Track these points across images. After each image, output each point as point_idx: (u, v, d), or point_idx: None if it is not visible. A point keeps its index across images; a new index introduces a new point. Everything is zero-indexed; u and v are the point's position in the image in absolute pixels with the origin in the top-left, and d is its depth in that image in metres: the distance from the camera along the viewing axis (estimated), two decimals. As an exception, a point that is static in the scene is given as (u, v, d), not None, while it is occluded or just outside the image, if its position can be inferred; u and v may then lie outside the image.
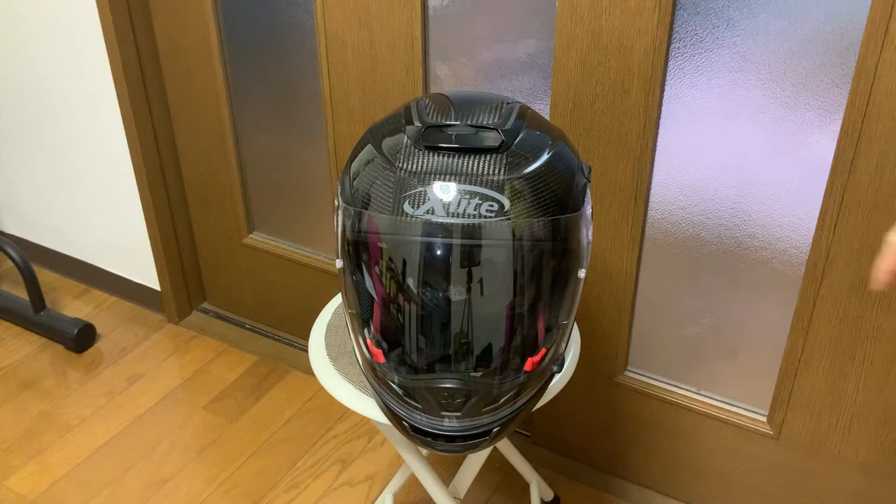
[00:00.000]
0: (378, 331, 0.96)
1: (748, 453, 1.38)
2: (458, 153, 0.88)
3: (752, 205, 1.20)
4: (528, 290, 0.92)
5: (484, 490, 1.53)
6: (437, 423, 0.94)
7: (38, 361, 1.87)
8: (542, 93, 1.29)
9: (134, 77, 1.68)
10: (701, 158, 1.21)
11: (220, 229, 1.86)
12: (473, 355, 0.93)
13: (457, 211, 0.86)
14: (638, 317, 1.39)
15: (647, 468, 1.51)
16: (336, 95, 1.49)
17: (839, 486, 1.32)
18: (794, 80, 1.09)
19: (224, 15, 1.57)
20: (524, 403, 0.97)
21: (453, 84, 1.37)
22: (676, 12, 1.12)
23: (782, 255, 1.21)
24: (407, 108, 0.96)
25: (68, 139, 1.88)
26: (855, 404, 1.24)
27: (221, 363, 1.86)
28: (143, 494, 1.54)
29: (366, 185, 0.91)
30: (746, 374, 1.33)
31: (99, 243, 2.02)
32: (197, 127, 1.74)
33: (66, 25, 1.70)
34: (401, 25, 1.34)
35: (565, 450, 1.59)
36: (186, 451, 1.63)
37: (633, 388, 1.44)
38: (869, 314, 1.16)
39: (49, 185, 2.00)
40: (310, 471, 1.58)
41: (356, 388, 1.06)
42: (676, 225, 1.28)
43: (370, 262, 0.94)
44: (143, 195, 1.82)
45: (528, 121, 0.94)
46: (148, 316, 2.01)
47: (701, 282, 1.30)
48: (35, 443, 1.65)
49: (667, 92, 1.18)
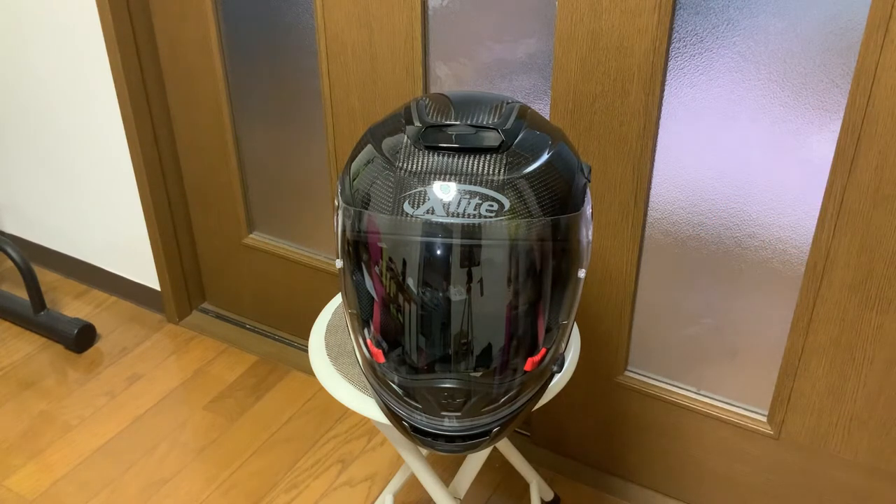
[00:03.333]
0: (378, 331, 0.96)
1: (748, 453, 1.38)
2: (458, 153, 0.88)
3: (752, 205, 1.20)
4: (527, 290, 0.92)
5: (484, 490, 1.53)
6: (437, 423, 0.94)
7: (38, 361, 1.87)
8: (542, 93, 1.29)
9: (134, 77, 1.68)
10: (701, 158, 1.21)
11: (220, 229, 1.86)
12: (473, 355, 0.93)
13: (457, 211, 0.86)
14: (638, 317, 1.39)
15: (647, 468, 1.51)
16: (336, 95, 1.49)
17: (839, 486, 1.32)
18: (794, 80, 1.09)
19: (224, 15, 1.57)
20: (524, 403, 0.97)
21: (453, 84, 1.37)
22: (676, 12, 1.12)
23: (782, 255, 1.21)
24: (407, 108, 0.96)
25: (68, 139, 1.88)
26: (855, 404, 1.24)
27: (221, 363, 1.86)
28: (143, 494, 1.54)
29: (366, 185, 0.91)
30: (746, 374, 1.33)
31: (99, 243, 2.02)
32: (197, 127, 1.74)
33: (65, 25, 1.70)
34: (401, 25, 1.34)
35: (565, 450, 1.59)
36: (186, 451, 1.63)
37: (633, 388, 1.44)
38: (869, 314, 1.16)
39: (49, 185, 2.00)
40: (310, 471, 1.58)
41: (356, 388, 1.06)
42: (676, 225, 1.28)
43: (370, 262, 0.94)
44: (143, 195, 1.82)
45: (528, 121, 0.94)
46: (148, 316, 2.01)
47: (701, 282, 1.30)
48: (35, 443, 1.65)
49: (667, 92, 1.18)
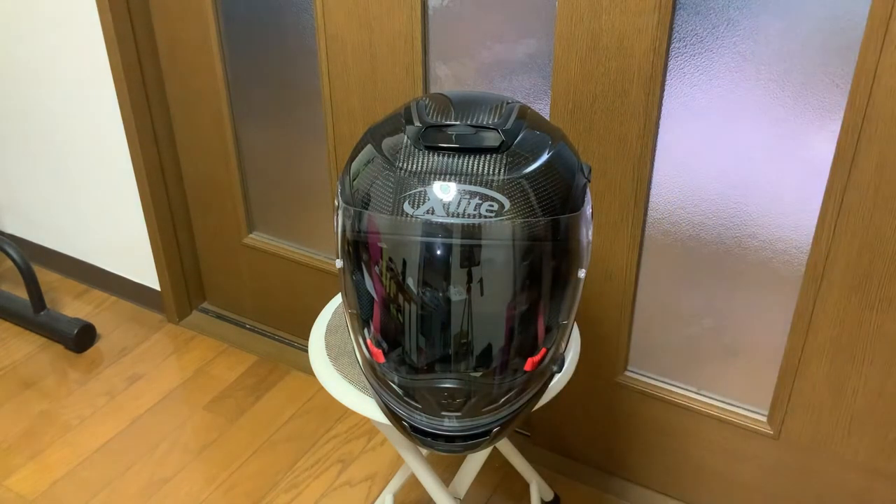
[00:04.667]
0: (378, 331, 0.96)
1: (748, 453, 1.38)
2: (458, 153, 0.88)
3: (752, 205, 1.20)
4: (528, 290, 0.92)
5: (484, 490, 1.53)
6: (437, 423, 0.94)
7: (38, 361, 1.87)
8: (542, 93, 1.29)
9: (134, 77, 1.68)
10: (701, 158, 1.21)
11: (220, 229, 1.86)
12: (473, 355, 0.93)
13: (457, 211, 0.86)
14: (638, 317, 1.39)
15: (647, 468, 1.51)
16: (336, 95, 1.49)
17: (839, 486, 1.32)
18: (794, 80, 1.09)
19: (224, 15, 1.57)
20: (524, 403, 0.97)
21: (453, 84, 1.37)
22: (676, 12, 1.12)
23: (782, 255, 1.21)
24: (407, 108, 0.96)
25: (68, 139, 1.88)
26: (855, 404, 1.24)
27: (221, 363, 1.86)
28: (143, 494, 1.54)
29: (366, 185, 0.91)
30: (746, 374, 1.33)
31: (99, 243, 2.02)
32: (197, 127, 1.74)
33: (65, 25, 1.70)
34: (401, 25, 1.34)
35: (565, 450, 1.59)
36: (186, 451, 1.63)
37: (633, 389, 1.44)
38: (869, 314, 1.16)
39: (49, 185, 2.00)
40: (310, 471, 1.58)
41: (356, 388, 1.06)
42: (676, 225, 1.28)
43: (370, 262, 0.94)
44: (143, 195, 1.82)
45: (528, 121, 0.94)
46: (148, 316, 2.01)
47: (701, 282, 1.30)
48: (35, 443, 1.65)
49: (667, 92, 1.18)
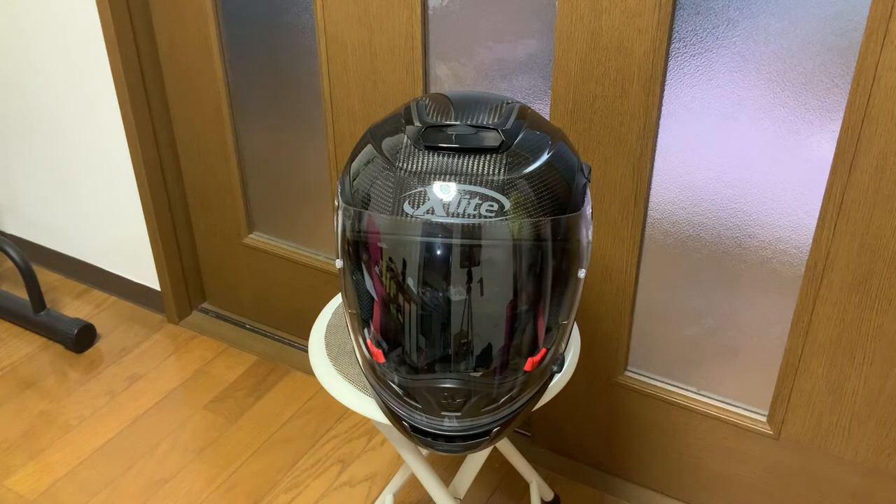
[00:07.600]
0: (378, 331, 0.96)
1: (748, 453, 1.38)
2: (458, 153, 0.88)
3: (752, 205, 1.20)
4: (528, 290, 0.92)
5: (484, 490, 1.53)
6: (437, 423, 0.94)
7: (38, 361, 1.87)
8: (542, 93, 1.29)
9: (134, 77, 1.68)
10: (701, 158, 1.21)
11: (220, 229, 1.86)
12: (473, 355, 0.93)
13: (457, 211, 0.86)
14: (638, 317, 1.39)
15: (647, 468, 1.51)
16: (336, 95, 1.49)
17: (839, 486, 1.32)
18: (794, 80, 1.09)
19: (224, 15, 1.57)
20: (524, 403, 0.97)
21: (453, 84, 1.37)
22: (676, 12, 1.12)
23: (782, 255, 1.21)
24: (407, 108, 0.96)
25: (68, 139, 1.88)
26: (855, 404, 1.24)
27: (221, 363, 1.86)
28: (143, 494, 1.54)
29: (366, 185, 0.91)
30: (746, 374, 1.33)
31: (99, 243, 2.02)
32: (197, 127, 1.74)
33: (65, 25, 1.70)
34: (401, 25, 1.34)
35: (565, 450, 1.59)
36: (186, 451, 1.63)
37: (633, 389, 1.44)
38: (869, 314, 1.16)
39: (49, 185, 2.00)
40: (310, 471, 1.58)
41: (356, 388, 1.06)
42: (676, 225, 1.28)
43: (370, 262, 0.94)
44: (143, 195, 1.82)
45: (528, 121, 0.94)
46: (148, 316, 2.01)
47: (701, 282, 1.30)
48: (35, 443, 1.65)
49: (667, 92, 1.18)
